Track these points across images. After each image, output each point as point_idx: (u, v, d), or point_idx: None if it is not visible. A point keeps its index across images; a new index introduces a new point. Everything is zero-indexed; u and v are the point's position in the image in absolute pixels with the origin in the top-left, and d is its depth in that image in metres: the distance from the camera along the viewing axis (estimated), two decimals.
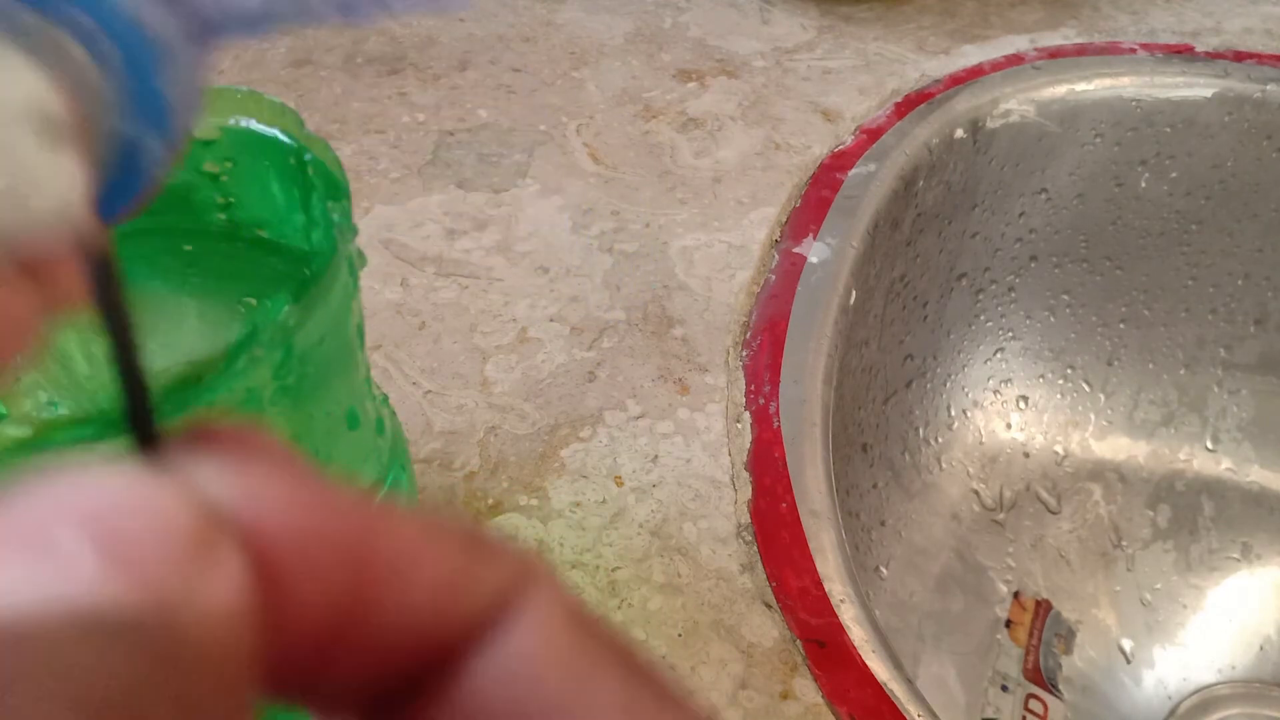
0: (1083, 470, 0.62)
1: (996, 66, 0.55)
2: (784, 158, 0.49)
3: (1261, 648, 0.58)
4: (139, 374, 0.10)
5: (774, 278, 0.43)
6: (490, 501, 0.35)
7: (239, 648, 0.08)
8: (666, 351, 0.40)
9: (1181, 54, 0.56)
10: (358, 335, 0.25)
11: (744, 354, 0.40)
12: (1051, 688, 0.55)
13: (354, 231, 0.23)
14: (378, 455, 0.27)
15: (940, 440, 0.61)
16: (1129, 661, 0.57)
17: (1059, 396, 0.63)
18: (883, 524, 0.56)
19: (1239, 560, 0.60)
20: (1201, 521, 0.61)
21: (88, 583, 0.08)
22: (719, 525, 0.34)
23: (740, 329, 0.41)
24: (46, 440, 0.18)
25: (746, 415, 0.37)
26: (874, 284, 0.49)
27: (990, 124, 0.53)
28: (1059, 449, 0.63)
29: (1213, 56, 0.56)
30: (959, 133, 0.52)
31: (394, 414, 0.30)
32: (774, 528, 0.34)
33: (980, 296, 0.60)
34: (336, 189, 0.24)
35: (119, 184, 0.12)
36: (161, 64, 0.11)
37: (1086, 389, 0.63)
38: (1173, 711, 0.56)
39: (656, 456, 0.36)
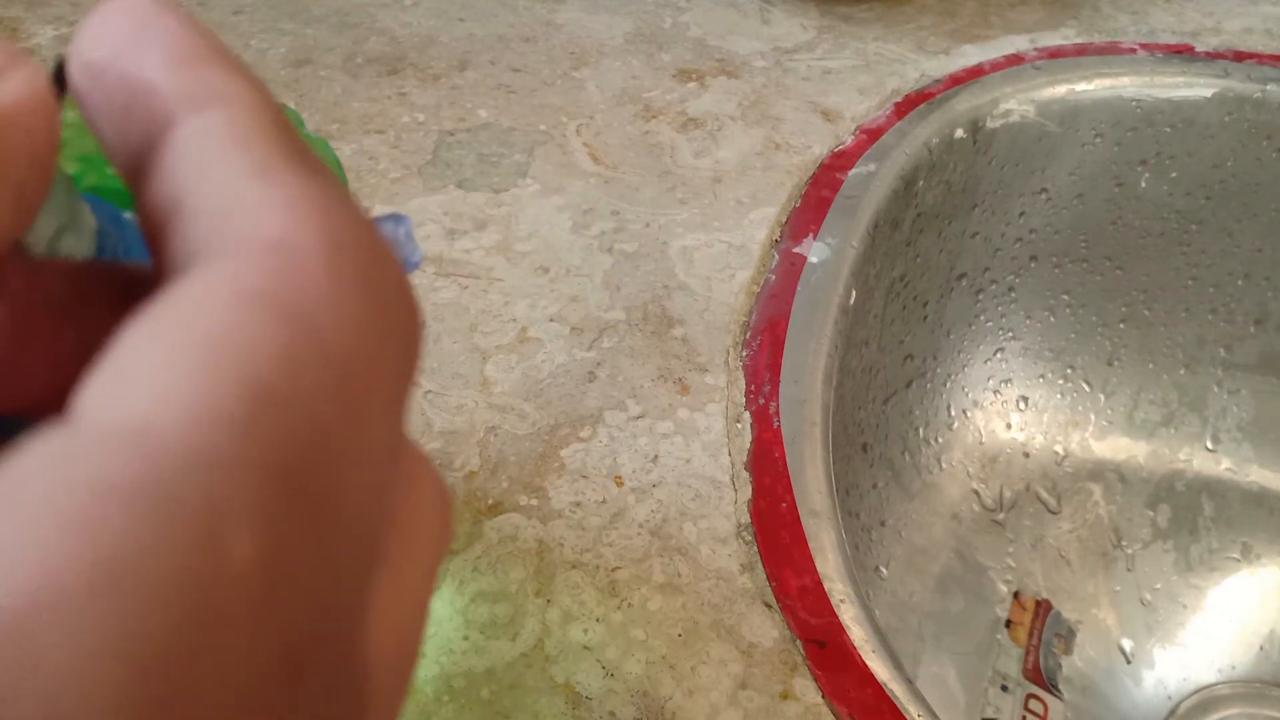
0: (1083, 470, 0.62)
1: (996, 66, 0.55)
2: (784, 158, 0.49)
3: (1261, 648, 0.58)
4: None
5: (774, 278, 0.43)
6: (490, 501, 0.35)
7: (28, 131, 0.11)
8: (666, 351, 0.40)
9: (1181, 54, 0.56)
10: None
11: (744, 354, 0.40)
12: (1051, 688, 0.55)
13: None
14: None
15: (940, 440, 0.61)
16: (1129, 661, 0.57)
17: (1059, 396, 0.63)
18: (883, 524, 0.56)
19: (1239, 560, 0.60)
20: (1201, 521, 0.61)
21: None
22: (719, 525, 0.34)
23: (740, 329, 0.41)
24: None
25: (746, 415, 0.37)
26: (874, 284, 0.49)
27: (990, 124, 0.53)
28: (1059, 449, 0.63)
29: (1213, 56, 0.56)
30: (959, 133, 0.52)
31: None
32: (774, 528, 0.34)
33: (980, 296, 0.60)
34: None
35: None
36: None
37: (1086, 389, 0.63)
38: (1173, 711, 0.56)
39: (656, 456, 0.36)
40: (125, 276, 0.13)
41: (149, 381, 0.09)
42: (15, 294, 0.12)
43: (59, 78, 0.12)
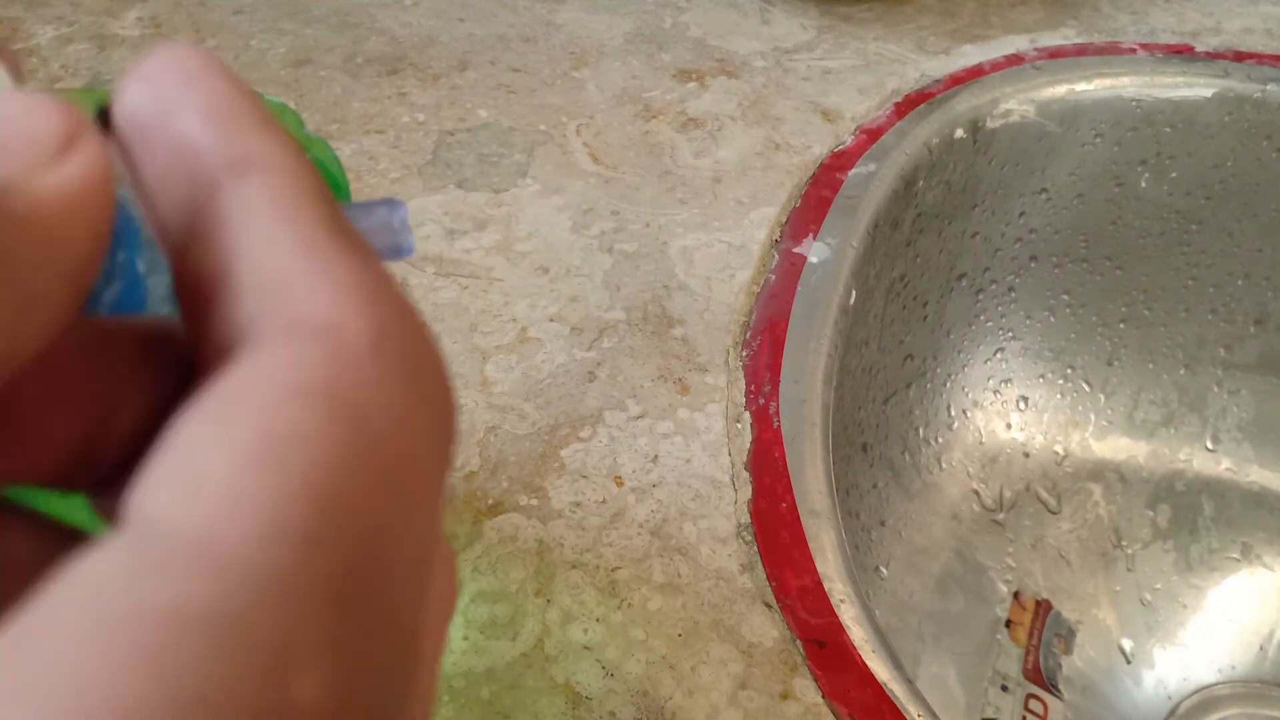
0: (1083, 470, 0.62)
1: (996, 66, 0.55)
2: (784, 158, 0.49)
3: (1261, 648, 0.58)
4: None
5: (774, 278, 0.43)
6: (490, 501, 0.35)
7: (91, 215, 0.10)
8: (666, 351, 0.40)
9: (1181, 54, 0.56)
10: None
11: (744, 354, 0.40)
12: (1051, 688, 0.55)
13: None
14: None
15: (940, 440, 0.61)
16: (1129, 661, 0.57)
17: (1059, 396, 0.63)
18: (883, 524, 0.56)
19: (1239, 560, 0.60)
20: (1201, 521, 0.61)
21: None
22: (719, 525, 0.34)
23: (740, 329, 0.41)
24: None
25: (746, 415, 0.37)
26: (874, 284, 0.49)
27: (990, 124, 0.53)
28: (1059, 449, 0.63)
29: (1213, 56, 0.56)
30: (959, 133, 0.52)
31: None
32: (774, 528, 0.34)
33: (980, 296, 0.60)
34: (337, 189, 0.24)
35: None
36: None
37: (1086, 389, 0.63)
38: (1173, 711, 0.56)
39: (656, 456, 0.36)
40: (145, 329, 0.13)
41: (212, 486, 0.09)
42: (48, 357, 0.11)
43: (101, 122, 0.12)
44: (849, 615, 0.32)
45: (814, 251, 0.44)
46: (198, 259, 0.11)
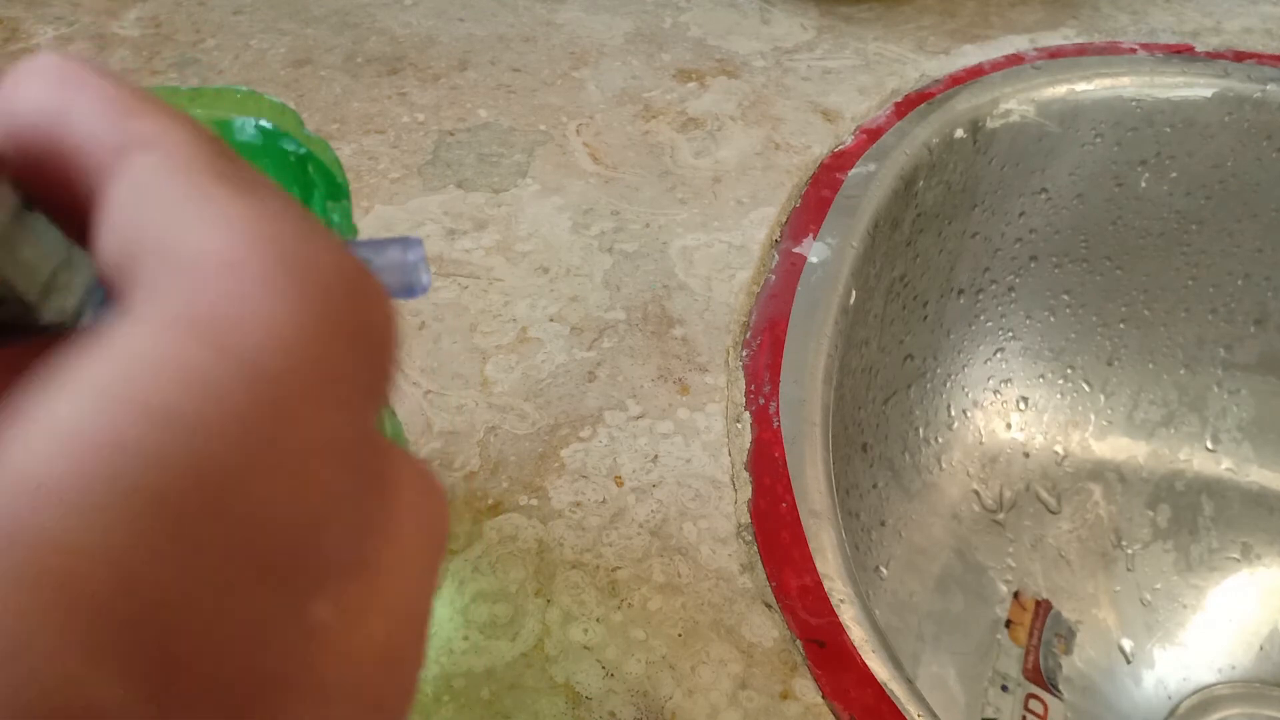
0: (1083, 470, 0.62)
1: (996, 66, 0.55)
2: (784, 158, 0.49)
3: (1261, 648, 0.58)
4: None
5: (774, 278, 0.43)
6: (490, 501, 0.35)
7: None
8: (666, 351, 0.40)
9: (1181, 54, 0.56)
10: None
11: (744, 354, 0.40)
12: (1051, 688, 0.55)
13: (354, 232, 0.23)
14: None
15: (940, 440, 0.61)
16: (1129, 661, 0.57)
17: (1059, 396, 0.63)
18: (883, 524, 0.56)
19: (1239, 560, 0.60)
20: (1201, 521, 0.61)
21: None
22: (719, 525, 0.34)
23: (740, 329, 0.41)
24: None
25: (746, 415, 0.37)
26: (874, 284, 0.49)
27: (990, 124, 0.53)
28: (1059, 449, 0.63)
29: (1213, 56, 0.56)
30: (959, 133, 0.52)
31: (394, 414, 0.30)
32: (774, 528, 0.34)
33: (980, 296, 0.60)
34: (337, 189, 0.24)
35: None
36: None
37: (1086, 389, 0.63)
38: (1173, 711, 0.56)
39: (656, 456, 0.36)
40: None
41: (54, 422, 0.09)
42: None
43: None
44: (849, 615, 0.32)
45: (814, 251, 0.44)
46: (107, 248, 0.11)
